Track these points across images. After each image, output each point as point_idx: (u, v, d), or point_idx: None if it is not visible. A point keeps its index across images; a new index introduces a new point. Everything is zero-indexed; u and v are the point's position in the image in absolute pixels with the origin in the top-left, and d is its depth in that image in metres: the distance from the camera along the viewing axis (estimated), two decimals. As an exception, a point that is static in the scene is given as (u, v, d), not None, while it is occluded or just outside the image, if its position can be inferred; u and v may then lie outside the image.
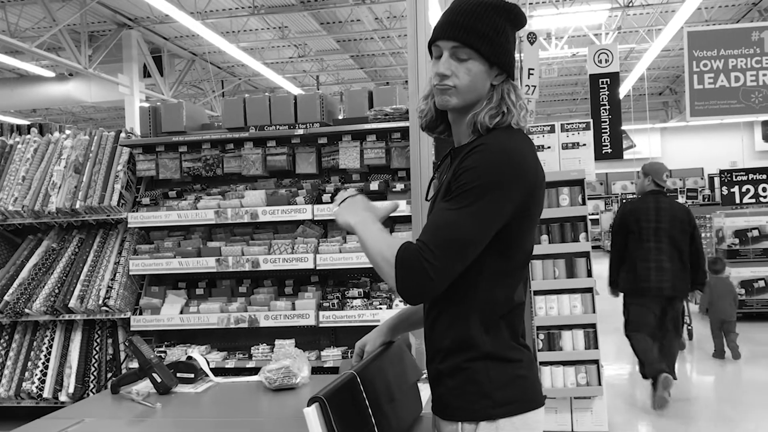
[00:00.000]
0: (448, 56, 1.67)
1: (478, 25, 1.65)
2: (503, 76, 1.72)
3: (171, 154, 4.55)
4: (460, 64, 1.67)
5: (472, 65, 1.67)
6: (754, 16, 14.99)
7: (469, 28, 1.65)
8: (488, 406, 1.65)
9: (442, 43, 1.68)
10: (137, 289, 4.46)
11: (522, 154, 1.65)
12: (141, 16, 13.79)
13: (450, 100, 1.69)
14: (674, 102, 24.85)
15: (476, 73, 1.67)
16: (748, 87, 10.78)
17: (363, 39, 16.49)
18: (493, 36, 1.67)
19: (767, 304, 8.98)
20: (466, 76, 1.67)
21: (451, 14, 1.69)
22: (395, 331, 2.08)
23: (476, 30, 1.65)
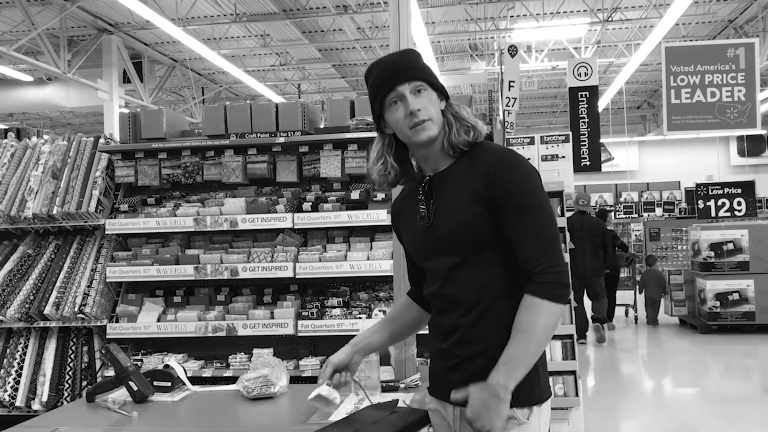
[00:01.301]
0: (411, 95, 1.85)
1: (418, 64, 1.90)
2: (444, 101, 1.92)
3: (150, 160, 4.51)
4: (422, 98, 1.86)
5: (430, 95, 1.88)
6: (730, 33, 15.24)
7: (416, 68, 1.88)
8: (537, 391, 1.83)
9: (402, 87, 1.85)
10: (114, 296, 4.42)
11: None
12: (122, 21, 13.70)
13: (429, 131, 1.85)
14: (652, 116, 25.13)
15: (435, 101, 1.89)
16: (723, 102, 10.95)
17: (345, 48, 16.51)
18: (428, 69, 1.91)
19: (742, 316, 9.08)
20: (431, 105, 1.87)
21: (391, 66, 1.89)
22: (361, 350, 2.15)
23: (420, 68, 1.89)
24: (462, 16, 14.15)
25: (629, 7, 13.73)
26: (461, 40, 16.02)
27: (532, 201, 1.79)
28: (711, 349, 8.54)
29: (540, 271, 1.75)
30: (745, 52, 11.00)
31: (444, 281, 1.90)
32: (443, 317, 1.92)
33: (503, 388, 1.71)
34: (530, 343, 1.73)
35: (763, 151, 25.76)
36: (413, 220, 1.95)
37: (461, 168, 1.87)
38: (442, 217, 1.87)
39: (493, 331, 1.82)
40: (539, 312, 1.73)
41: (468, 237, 1.83)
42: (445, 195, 1.88)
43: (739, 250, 9.18)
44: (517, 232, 1.79)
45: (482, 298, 1.84)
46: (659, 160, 26.96)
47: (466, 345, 1.86)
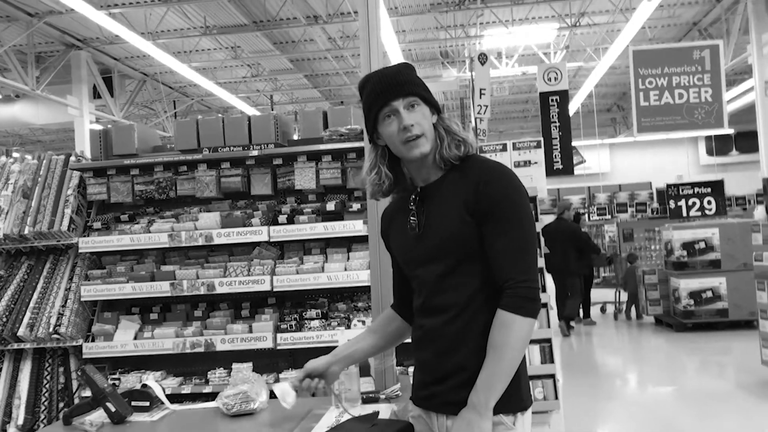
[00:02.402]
0: (405, 110, 1.88)
1: (410, 79, 1.92)
2: (436, 115, 1.95)
3: (122, 177, 4.48)
4: (416, 113, 1.89)
5: (422, 110, 1.91)
6: (695, 35, 15.51)
7: (409, 83, 1.91)
8: (522, 399, 1.87)
9: (396, 102, 1.88)
10: (89, 315, 4.37)
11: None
12: (90, 36, 13.58)
13: (422, 148, 1.88)
14: (622, 118, 25.45)
15: (427, 116, 1.91)
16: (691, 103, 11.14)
17: (316, 58, 16.52)
18: (422, 84, 1.94)
19: (715, 314, 9.21)
20: (425, 120, 1.90)
21: (386, 80, 1.91)
22: (341, 361, 2.19)
23: (413, 82, 1.92)
24: (432, 24, 14.24)
25: (596, 11, 13.92)
26: (432, 48, 16.11)
27: (515, 215, 1.83)
28: (686, 346, 8.65)
29: (512, 285, 1.79)
30: (710, 53, 11.22)
31: (431, 290, 1.92)
32: (428, 326, 1.93)
33: (484, 406, 1.75)
34: (504, 359, 1.76)
35: (730, 150, 26.21)
36: (404, 229, 1.99)
37: (452, 180, 1.91)
38: (433, 226, 1.90)
39: (477, 342, 1.83)
40: (511, 328, 1.76)
41: (457, 246, 1.86)
42: (436, 205, 1.92)
43: (710, 249, 9.31)
44: (495, 244, 1.82)
45: (468, 307, 1.86)
46: (630, 161, 27.31)
47: (451, 355, 1.87)
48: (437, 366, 1.90)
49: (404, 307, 2.13)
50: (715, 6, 14.16)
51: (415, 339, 2.02)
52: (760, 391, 6.29)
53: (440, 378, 1.89)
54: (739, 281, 9.04)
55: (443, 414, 1.89)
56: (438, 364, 1.90)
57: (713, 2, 14.05)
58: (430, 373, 1.93)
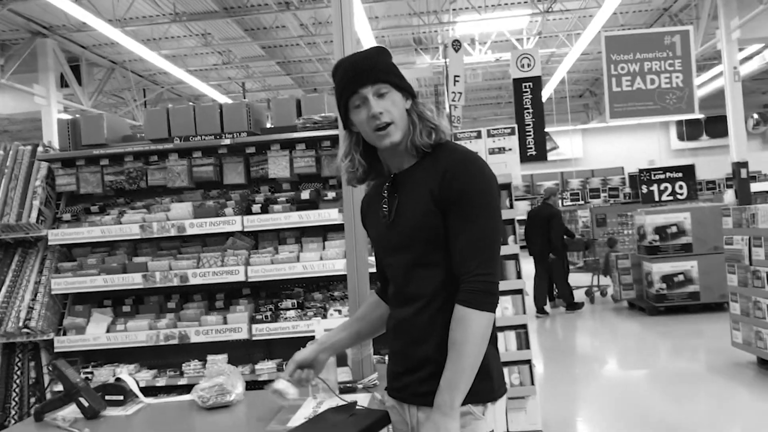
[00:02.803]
0: (374, 98, 1.84)
1: (382, 65, 1.88)
2: (410, 100, 1.91)
3: (92, 167, 4.40)
4: (385, 100, 1.84)
5: (392, 96, 1.86)
6: (665, 21, 15.63)
7: (379, 69, 1.86)
8: (492, 389, 1.84)
9: (364, 90, 1.84)
10: (60, 308, 4.29)
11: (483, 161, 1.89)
12: (56, 24, 13.30)
13: (392, 137, 1.85)
14: (594, 104, 25.61)
15: (399, 102, 1.87)
16: (662, 89, 11.23)
17: (289, 45, 16.37)
18: (394, 69, 1.89)
19: (687, 297, 9.34)
20: (394, 107, 1.85)
21: (356, 67, 1.87)
22: (327, 350, 2.17)
23: (383, 68, 1.87)
24: (405, 10, 14.17)
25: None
26: (405, 35, 16.05)
27: (480, 207, 1.79)
28: (659, 330, 8.77)
29: (470, 278, 1.76)
30: (681, 39, 11.31)
31: (402, 280, 1.91)
32: (400, 315, 1.92)
33: (449, 406, 1.73)
34: (464, 356, 1.74)
35: (701, 135, 26.55)
36: (378, 215, 1.97)
37: (424, 167, 1.88)
38: (402, 215, 1.88)
39: (445, 333, 1.81)
40: (469, 323, 1.74)
41: (423, 235, 1.84)
42: (406, 193, 1.89)
43: (682, 233, 9.42)
44: (457, 235, 1.80)
45: (435, 298, 1.84)
46: (603, 146, 27.53)
47: (420, 345, 1.86)
48: (407, 357, 1.90)
49: (388, 292, 2.11)
50: (685, -8, 14.29)
51: (389, 329, 2.01)
52: (730, 372, 6.40)
53: (410, 369, 1.89)
54: (710, 264, 9.17)
55: (414, 405, 1.88)
56: (408, 355, 1.89)
57: (683, -12, 14.16)
58: (401, 363, 1.93)
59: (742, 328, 6.39)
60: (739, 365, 6.54)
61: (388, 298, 2.03)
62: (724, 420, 5.24)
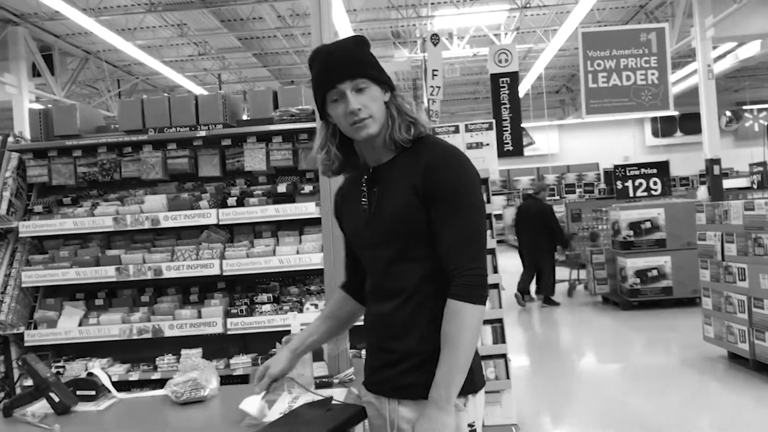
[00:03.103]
0: (352, 93, 1.81)
1: (360, 57, 1.85)
2: (389, 93, 1.88)
3: (64, 158, 4.32)
4: (364, 95, 1.82)
5: (372, 91, 1.83)
6: (642, 18, 15.76)
7: (357, 63, 1.83)
8: (472, 381, 1.83)
9: (342, 86, 1.81)
10: (31, 302, 4.23)
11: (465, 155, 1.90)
12: (28, 12, 13.07)
13: (369, 129, 1.82)
14: (570, 100, 25.80)
15: (377, 96, 1.84)
16: (638, 85, 11.33)
17: (266, 37, 16.26)
18: (373, 62, 1.87)
19: (660, 292, 9.45)
20: (373, 102, 1.83)
21: (334, 60, 1.84)
22: (300, 355, 2.18)
23: (362, 62, 1.85)
24: (383, 4, 14.14)
25: (546, -7, 14.02)
26: (383, 28, 16.01)
27: (465, 200, 1.79)
28: (633, 324, 8.86)
29: (460, 273, 1.76)
30: (657, 36, 11.41)
31: (381, 275, 1.90)
32: (379, 310, 1.91)
33: (445, 401, 1.73)
34: (459, 350, 1.74)
35: (675, 131, 26.87)
36: (356, 209, 1.94)
37: (403, 162, 1.86)
38: (382, 209, 1.86)
39: (426, 327, 1.81)
40: (463, 317, 1.74)
41: (404, 229, 1.82)
42: (386, 187, 1.87)
43: (656, 229, 9.51)
44: (442, 231, 1.79)
45: (417, 293, 1.84)
46: (578, 142, 27.74)
47: (400, 340, 1.85)
48: (388, 351, 1.89)
49: (356, 287, 2.10)
50: (661, -11, 14.42)
51: (367, 324, 1.99)
52: (702, 365, 6.48)
53: (390, 363, 1.88)
54: (683, 260, 9.27)
55: (394, 399, 1.87)
56: (388, 349, 1.88)
57: (659, -15, 14.29)
58: (379, 358, 1.92)
59: (713, 323, 6.48)
60: (710, 359, 6.63)
61: (366, 293, 2.01)
62: (695, 413, 5.31)
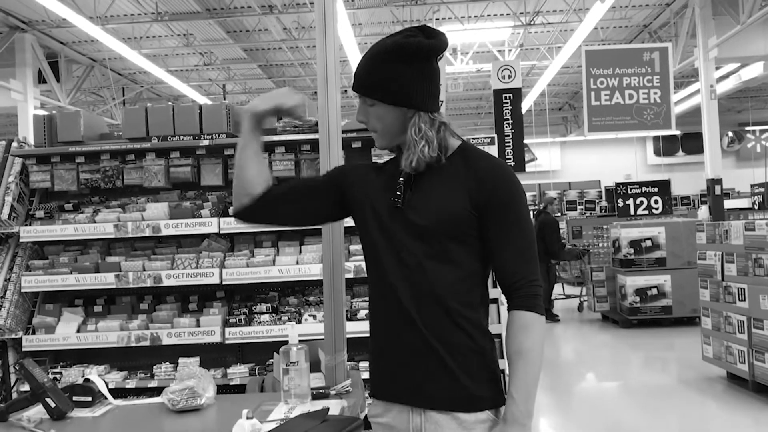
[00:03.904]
0: (361, 103, 1.87)
1: (372, 78, 1.82)
2: (412, 111, 1.82)
3: (67, 164, 4.34)
4: (370, 110, 1.85)
5: (378, 109, 1.84)
6: (645, 37, 15.83)
7: (366, 83, 1.83)
8: (502, 392, 1.85)
9: (359, 102, 1.87)
10: (30, 307, 4.23)
11: None
12: (36, 19, 13.14)
13: (377, 142, 1.90)
14: (573, 117, 25.85)
15: (383, 115, 1.84)
16: (640, 104, 11.36)
17: (271, 49, 16.33)
18: (387, 83, 1.80)
19: (660, 310, 9.43)
20: (377, 120, 1.85)
21: (357, 68, 1.86)
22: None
23: (371, 83, 1.82)
24: (388, 18, 14.21)
25: (551, 11, 14.09)
26: (388, 42, 16.05)
27: (521, 215, 1.81)
28: (632, 342, 8.84)
29: (524, 284, 1.78)
30: (660, 55, 11.46)
31: (414, 270, 1.80)
32: (406, 307, 1.80)
33: (526, 415, 1.74)
34: (534, 363, 1.75)
35: (677, 151, 26.89)
36: (383, 196, 1.87)
37: (451, 167, 1.83)
38: (424, 204, 1.81)
39: (460, 331, 1.79)
40: (533, 328, 1.76)
41: (451, 229, 1.78)
42: (429, 185, 1.82)
43: (656, 247, 9.52)
44: (502, 243, 1.79)
45: (453, 295, 1.78)
46: (580, 159, 27.76)
47: (431, 341, 1.78)
48: (413, 352, 1.79)
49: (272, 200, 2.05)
50: (665, 9, 14.48)
51: (381, 321, 1.88)
52: (700, 385, 6.46)
53: (417, 364, 1.79)
54: (683, 279, 9.27)
55: (428, 408, 1.80)
56: (414, 351, 1.79)
57: (663, 6, 14.35)
58: (401, 358, 1.82)
59: (712, 343, 6.47)
60: (709, 379, 6.61)
61: (375, 282, 1.90)
62: (693, 433, 5.29)
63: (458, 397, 1.78)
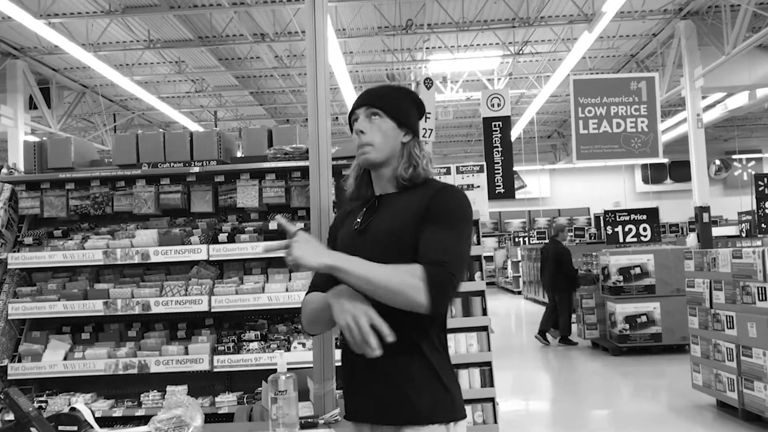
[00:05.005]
0: (363, 117, 2.01)
1: (385, 97, 2.04)
2: (410, 136, 2.04)
3: (57, 191, 4.33)
4: (372, 123, 1.99)
5: (381, 122, 2.00)
6: (632, 67, 16.05)
7: (378, 97, 2.03)
8: (454, 409, 1.87)
9: (359, 111, 2.02)
10: (16, 334, 4.19)
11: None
12: (28, 45, 13.20)
13: (368, 155, 1.98)
14: (562, 145, 26.07)
15: (386, 129, 2.00)
16: (628, 133, 11.47)
17: (262, 76, 16.44)
18: (398, 104, 2.04)
19: (650, 338, 9.44)
20: (379, 133, 1.99)
21: (364, 93, 2.07)
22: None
23: (383, 98, 2.03)
24: (379, 47, 14.35)
25: (539, 41, 14.28)
26: (379, 70, 16.22)
27: (457, 223, 1.86)
28: (622, 370, 8.82)
29: (434, 262, 1.76)
30: (647, 85, 11.60)
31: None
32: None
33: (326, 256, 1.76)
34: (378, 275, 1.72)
35: (665, 178, 27.14)
36: (350, 227, 2.03)
37: (409, 194, 1.97)
38: (377, 225, 1.94)
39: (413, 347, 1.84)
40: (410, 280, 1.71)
41: (400, 243, 1.86)
42: (386, 210, 1.97)
43: (645, 274, 9.55)
44: (427, 236, 1.83)
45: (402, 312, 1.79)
46: (569, 187, 27.95)
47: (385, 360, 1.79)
48: (374, 375, 1.87)
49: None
50: (652, 40, 14.70)
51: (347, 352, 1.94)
52: (690, 413, 6.45)
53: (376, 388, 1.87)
54: (672, 306, 9.29)
55: (382, 425, 1.87)
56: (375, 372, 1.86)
57: (650, 36, 14.58)
58: (363, 382, 1.90)
59: (702, 371, 6.47)
60: (699, 407, 6.60)
61: None
62: (683, 462, 5.26)
63: (410, 412, 1.83)
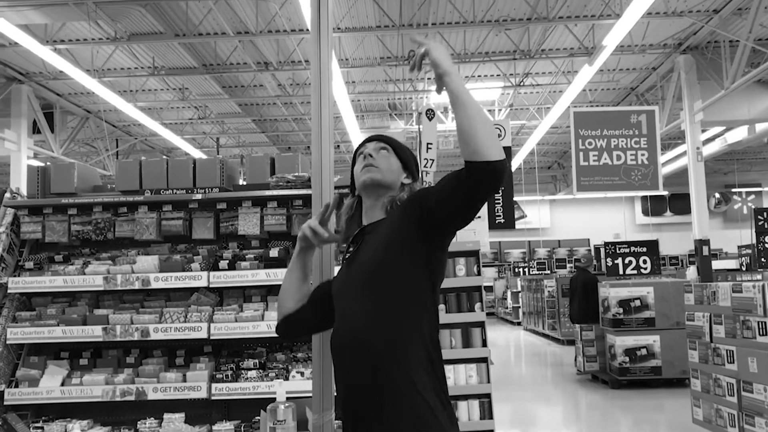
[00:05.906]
0: (372, 149, 2.17)
1: (393, 141, 2.24)
2: (411, 180, 2.21)
3: (59, 216, 4.35)
4: (381, 155, 2.17)
5: (389, 155, 2.19)
6: (632, 100, 16.18)
7: (387, 139, 2.23)
8: (449, 419, 1.90)
9: (369, 144, 2.19)
10: (14, 359, 4.17)
11: None
12: (33, 71, 13.32)
13: (373, 174, 2.12)
14: (562, 176, 26.15)
15: (391, 162, 2.18)
16: (628, 165, 11.52)
17: (265, 104, 16.56)
18: (404, 149, 2.24)
19: (649, 371, 9.38)
20: (385, 160, 2.17)
21: (372, 136, 2.24)
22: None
23: (392, 141, 2.23)
24: (381, 77, 14.48)
25: (540, 73, 14.41)
26: (380, 100, 16.35)
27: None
28: (621, 404, 8.76)
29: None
30: (647, 118, 11.67)
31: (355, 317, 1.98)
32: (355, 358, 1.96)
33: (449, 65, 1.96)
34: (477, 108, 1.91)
35: (665, 211, 27.19)
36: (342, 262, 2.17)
37: (389, 214, 2.11)
38: (365, 252, 2.05)
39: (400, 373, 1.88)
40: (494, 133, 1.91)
41: (384, 271, 1.97)
42: (371, 239, 2.07)
43: (645, 307, 9.52)
44: (439, 187, 1.97)
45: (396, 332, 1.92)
46: (569, 217, 27.98)
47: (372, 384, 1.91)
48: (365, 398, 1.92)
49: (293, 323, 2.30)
50: (651, 74, 14.84)
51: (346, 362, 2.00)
52: (691, 449, 6.39)
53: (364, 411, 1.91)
54: (672, 339, 9.25)
55: None
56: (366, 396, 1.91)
57: (650, 70, 14.71)
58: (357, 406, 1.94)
59: (702, 405, 6.42)
60: (699, 442, 6.54)
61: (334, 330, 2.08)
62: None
63: None
